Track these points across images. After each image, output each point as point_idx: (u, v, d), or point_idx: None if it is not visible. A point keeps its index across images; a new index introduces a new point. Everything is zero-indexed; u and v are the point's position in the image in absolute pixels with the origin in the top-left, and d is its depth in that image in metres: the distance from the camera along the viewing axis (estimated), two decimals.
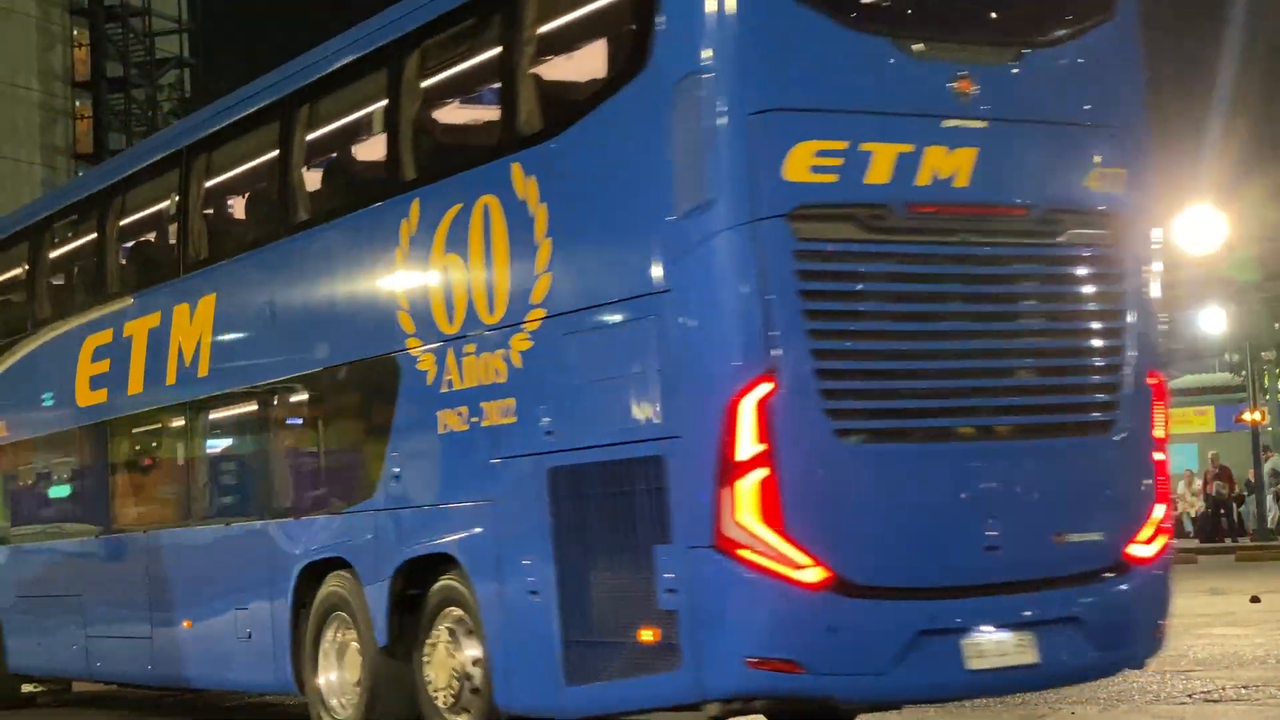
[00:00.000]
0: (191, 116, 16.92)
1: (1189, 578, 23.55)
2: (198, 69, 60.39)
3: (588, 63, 8.11)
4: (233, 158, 11.57)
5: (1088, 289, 7.65)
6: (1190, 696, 10.44)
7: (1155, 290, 7.88)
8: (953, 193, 7.19)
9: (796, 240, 6.88)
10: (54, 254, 14.27)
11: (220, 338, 10.99)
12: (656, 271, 7.10)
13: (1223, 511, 34.23)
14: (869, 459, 7.06)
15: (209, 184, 11.68)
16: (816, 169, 6.93)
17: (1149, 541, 7.60)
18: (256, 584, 10.43)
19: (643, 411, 7.15)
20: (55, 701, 14.36)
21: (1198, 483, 35.12)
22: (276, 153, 10.58)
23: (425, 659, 8.69)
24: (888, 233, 7.11)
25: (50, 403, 13.47)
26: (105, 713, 13.74)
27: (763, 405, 6.73)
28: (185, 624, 11.32)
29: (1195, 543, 32.82)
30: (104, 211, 13.00)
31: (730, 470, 6.73)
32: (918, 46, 7.26)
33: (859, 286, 7.15)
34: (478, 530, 8.35)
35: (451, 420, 8.49)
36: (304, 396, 10.37)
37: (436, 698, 8.62)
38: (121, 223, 12.93)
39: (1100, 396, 7.61)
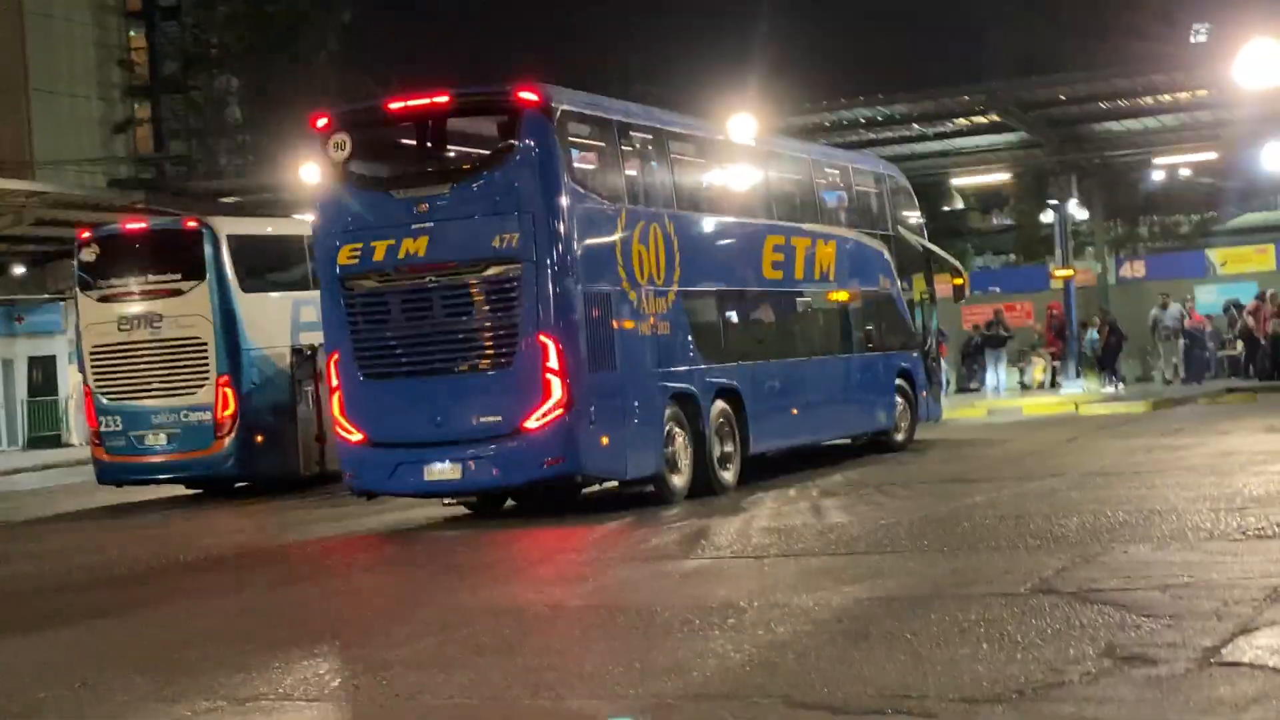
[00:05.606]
0: None
1: (1247, 416, 23.96)
2: None
3: None
4: None
5: (499, 296, 15.27)
6: (1244, 533, 10.77)
7: (553, 293, 15.04)
8: (418, 259, 15.46)
9: (344, 290, 15.87)
10: None
11: None
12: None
13: None
14: (375, 385, 15.77)
15: None
16: (349, 256, 15.77)
17: (539, 419, 15.04)
18: None
19: None
20: None
21: (1250, 320, 34.73)
22: None
23: None
24: (391, 280, 15.64)
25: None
26: None
27: (335, 363, 15.97)
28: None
29: (1255, 381, 33.12)
30: None
31: (331, 391, 16.24)
32: (398, 193, 15.76)
33: (381, 306, 15.71)
34: None
35: None
36: None
37: None
38: None
39: (504, 349, 15.25)
